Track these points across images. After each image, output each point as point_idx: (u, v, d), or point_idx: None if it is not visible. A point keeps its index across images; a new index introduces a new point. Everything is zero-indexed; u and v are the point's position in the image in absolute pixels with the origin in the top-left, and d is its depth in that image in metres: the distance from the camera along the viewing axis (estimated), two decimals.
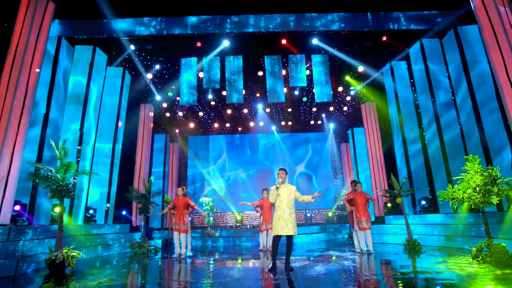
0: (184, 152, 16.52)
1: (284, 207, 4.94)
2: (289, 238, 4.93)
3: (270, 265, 4.77)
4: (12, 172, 5.53)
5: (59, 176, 5.67)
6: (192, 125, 15.75)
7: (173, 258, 6.88)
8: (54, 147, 5.79)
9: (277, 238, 4.86)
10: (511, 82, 5.82)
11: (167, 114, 14.42)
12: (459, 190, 5.56)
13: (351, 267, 5.21)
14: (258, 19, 8.38)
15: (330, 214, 14.83)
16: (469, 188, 5.32)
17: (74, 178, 8.43)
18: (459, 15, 8.36)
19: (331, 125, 16.29)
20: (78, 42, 8.85)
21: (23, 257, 5.20)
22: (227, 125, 16.41)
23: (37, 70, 6.11)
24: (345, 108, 14.53)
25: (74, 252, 5.44)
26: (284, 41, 9.19)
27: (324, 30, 8.39)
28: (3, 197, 5.34)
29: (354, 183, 7.38)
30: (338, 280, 4.18)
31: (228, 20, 8.39)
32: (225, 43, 9.47)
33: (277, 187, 4.99)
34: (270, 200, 5.12)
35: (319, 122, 16.31)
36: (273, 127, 16.58)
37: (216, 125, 16.18)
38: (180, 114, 14.76)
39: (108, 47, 9.28)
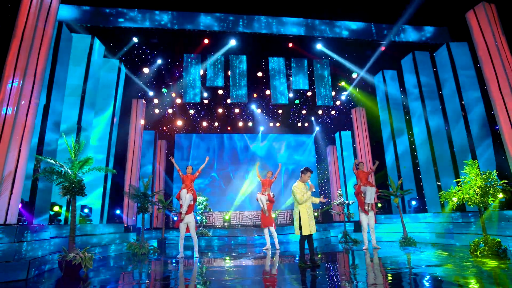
0: (172, 150, 16.07)
1: (311, 206, 5.17)
2: (310, 234, 5.13)
3: (305, 263, 4.92)
4: (20, 167, 5.06)
5: (71, 172, 5.33)
6: (180, 122, 15.37)
7: (177, 258, 6.71)
8: (66, 140, 5.43)
9: (307, 237, 5.02)
10: (502, 95, 6.57)
11: (156, 110, 13.95)
12: (458, 191, 6.15)
13: (368, 262, 5.54)
14: (270, 22, 8.48)
15: (316, 214, 15.33)
16: (471, 189, 5.92)
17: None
18: (452, 32, 9.20)
19: (317, 128, 16.83)
20: (76, 31, 8.27)
21: (33, 259, 4.80)
22: (216, 124, 16.26)
23: (45, 51, 5.60)
24: (333, 112, 15.11)
25: (90, 253, 5.15)
26: (290, 44, 9.39)
27: (332, 37, 8.74)
28: (11, 194, 4.86)
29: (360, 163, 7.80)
30: (370, 272, 4.45)
31: (241, 21, 8.38)
32: (232, 42, 9.44)
33: (313, 191, 5.15)
34: (303, 200, 5.12)
35: (306, 124, 16.75)
36: (261, 128, 16.73)
37: (204, 123, 15.95)
38: (170, 111, 14.35)
39: (107, 38, 8.78)
